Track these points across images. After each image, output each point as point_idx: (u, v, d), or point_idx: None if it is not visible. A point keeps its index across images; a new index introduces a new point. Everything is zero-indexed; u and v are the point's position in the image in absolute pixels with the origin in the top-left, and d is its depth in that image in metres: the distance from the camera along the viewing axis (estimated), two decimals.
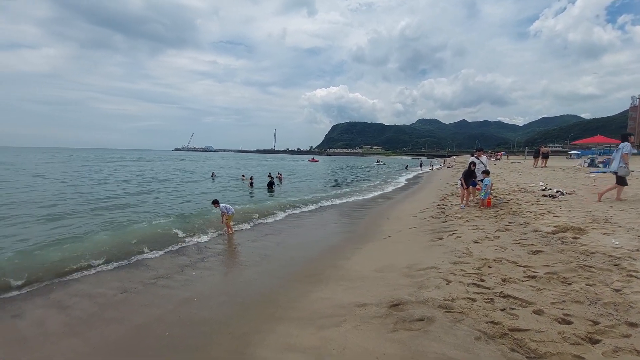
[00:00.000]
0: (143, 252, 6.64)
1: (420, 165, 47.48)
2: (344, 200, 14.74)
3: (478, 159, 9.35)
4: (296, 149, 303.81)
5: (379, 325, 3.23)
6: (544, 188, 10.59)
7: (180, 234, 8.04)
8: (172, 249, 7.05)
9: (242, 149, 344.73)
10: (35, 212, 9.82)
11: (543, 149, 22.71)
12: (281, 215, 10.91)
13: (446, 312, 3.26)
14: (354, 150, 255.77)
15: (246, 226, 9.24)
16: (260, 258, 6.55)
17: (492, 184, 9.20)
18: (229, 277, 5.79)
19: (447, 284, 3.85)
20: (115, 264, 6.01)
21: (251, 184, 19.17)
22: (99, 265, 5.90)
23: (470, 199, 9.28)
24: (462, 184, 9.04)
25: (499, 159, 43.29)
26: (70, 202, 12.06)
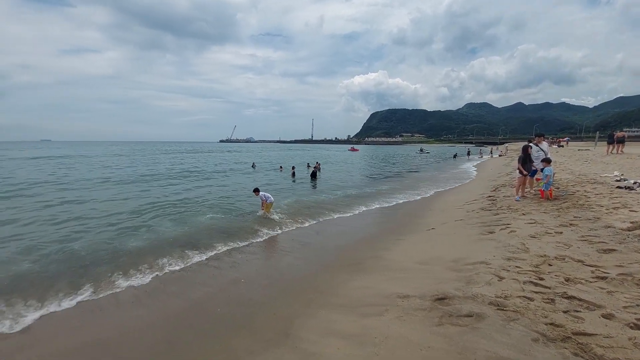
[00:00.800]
0: (197, 237, 7.24)
1: (468, 154, 44.15)
2: (399, 197, 12.64)
3: (537, 145, 8.42)
4: (334, 139, 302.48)
5: (423, 318, 3.15)
6: (618, 178, 9.22)
7: (229, 221, 8.62)
8: (222, 233, 7.55)
9: (281, 139, 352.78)
10: (109, 208, 10.81)
11: (618, 134, 19.68)
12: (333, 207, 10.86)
13: (498, 309, 3.06)
14: (394, 139, 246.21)
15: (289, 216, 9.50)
16: (300, 245, 6.74)
17: (554, 174, 8.25)
18: (271, 262, 6.08)
19: (499, 281, 3.60)
20: (175, 247, 6.61)
21: (293, 174, 19.42)
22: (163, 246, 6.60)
23: (527, 190, 8.46)
24: (520, 172, 8.02)
25: (561, 146, 38.55)
26: (138, 194, 13.40)
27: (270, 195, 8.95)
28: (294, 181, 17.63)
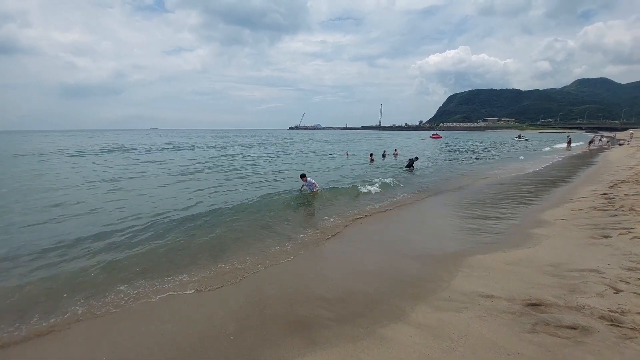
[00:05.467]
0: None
1: (568, 144, 35.50)
2: None
3: None
4: (404, 125, 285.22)
5: (511, 322, 2.89)
6: None
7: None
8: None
9: (348, 125, 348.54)
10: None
11: None
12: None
13: (611, 325, 2.61)
14: (475, 124, 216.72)
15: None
16: (369, 234, 6.70)
17: None
18: (341, 248, 6.16)
19: (615, 293, 3.03)
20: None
21: (371, 160, 19.51)
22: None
23: None
24: None
25: None
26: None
27: (313, 183, 9.20)
28: (371, 168, 16.95)
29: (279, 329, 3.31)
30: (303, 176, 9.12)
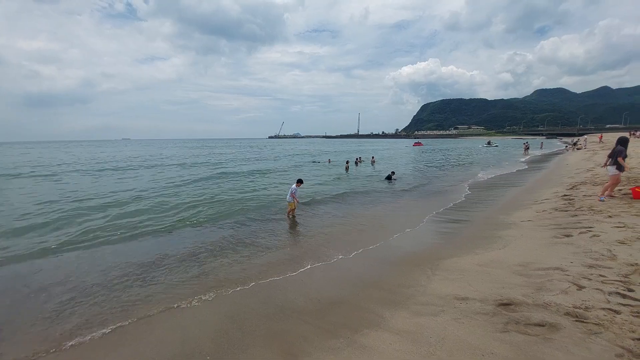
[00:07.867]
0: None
1: (526, 149, 36.51)
2: None
3: None
4: (381, 133, 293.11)
5: (485, 323, 2.97)
6: None
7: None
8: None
9: (327, 134, 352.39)
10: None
11: None
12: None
13: (576, 321, 2.75)
14: (448, 132, 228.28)
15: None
16: (343, 236, 6.75)
17: None
18: (321, 251, 6.18)
19: (578, 290, 3.21)
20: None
21: (347, 168, 20.36)
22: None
23: (615, 189, 7.25)
24: (617, 168, 6.93)
25: None
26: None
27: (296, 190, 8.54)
28: (348, 176, 17.49)
29: (258, 346, 3.18)
30: (299, 182, 8.66)
